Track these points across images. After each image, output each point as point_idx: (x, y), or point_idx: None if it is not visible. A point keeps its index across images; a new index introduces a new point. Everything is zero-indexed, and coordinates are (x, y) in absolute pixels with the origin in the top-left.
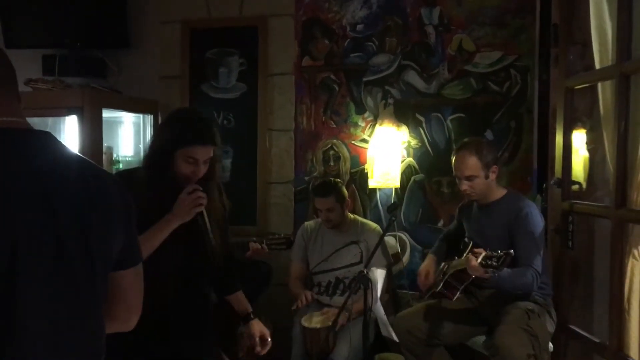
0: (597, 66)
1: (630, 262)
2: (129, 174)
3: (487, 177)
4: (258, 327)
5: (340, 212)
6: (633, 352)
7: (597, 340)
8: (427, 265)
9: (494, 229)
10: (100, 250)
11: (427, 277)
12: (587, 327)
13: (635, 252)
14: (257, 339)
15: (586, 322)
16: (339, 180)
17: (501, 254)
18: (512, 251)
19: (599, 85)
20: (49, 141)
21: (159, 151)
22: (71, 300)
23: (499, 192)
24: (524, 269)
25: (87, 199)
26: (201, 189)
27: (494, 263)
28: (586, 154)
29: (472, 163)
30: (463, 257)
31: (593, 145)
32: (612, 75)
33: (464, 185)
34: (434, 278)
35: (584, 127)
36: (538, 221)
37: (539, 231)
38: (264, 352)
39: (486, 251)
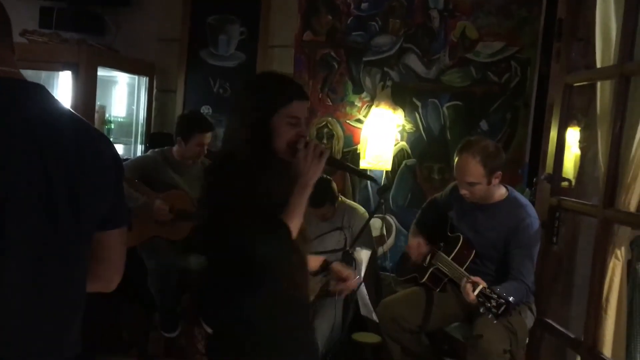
0: (599, 65)
1: (612, 262)
2: (222, 162)
3: (489, 183)
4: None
5: (333, 210)
6: (606, 350)
7: (572, 335)
8: (416, 238)
9: (490, 230)
10: (89, 206)
11: (420, 247)
12: (564, 322)
13: (618, 252)
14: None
15: (563, 317)
16: (328, 178)
17: (502, 301)
18: (512, 299)
19: (598, 84)
20: (42, 93)
21: (256, 121)
22: (56, 251)
23: (499, 194)
24: (518, 285)
25: (78, 153)
26: (308, 137)
27: (493, 309)
28: (578, 152)
29: (475, 170)
30: (452, 258)
31: (586, 144)
32: (612, 75)
33: (464, 190)
34: (425, 248)
35: (579, 125)
36: (537, 232)
37: (536, 244)
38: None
39: (483, 282)
